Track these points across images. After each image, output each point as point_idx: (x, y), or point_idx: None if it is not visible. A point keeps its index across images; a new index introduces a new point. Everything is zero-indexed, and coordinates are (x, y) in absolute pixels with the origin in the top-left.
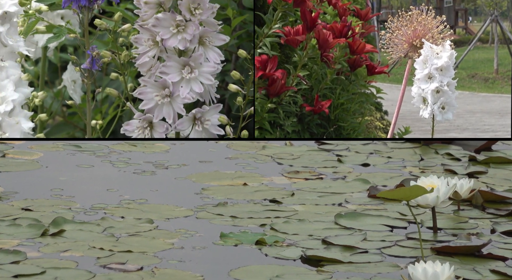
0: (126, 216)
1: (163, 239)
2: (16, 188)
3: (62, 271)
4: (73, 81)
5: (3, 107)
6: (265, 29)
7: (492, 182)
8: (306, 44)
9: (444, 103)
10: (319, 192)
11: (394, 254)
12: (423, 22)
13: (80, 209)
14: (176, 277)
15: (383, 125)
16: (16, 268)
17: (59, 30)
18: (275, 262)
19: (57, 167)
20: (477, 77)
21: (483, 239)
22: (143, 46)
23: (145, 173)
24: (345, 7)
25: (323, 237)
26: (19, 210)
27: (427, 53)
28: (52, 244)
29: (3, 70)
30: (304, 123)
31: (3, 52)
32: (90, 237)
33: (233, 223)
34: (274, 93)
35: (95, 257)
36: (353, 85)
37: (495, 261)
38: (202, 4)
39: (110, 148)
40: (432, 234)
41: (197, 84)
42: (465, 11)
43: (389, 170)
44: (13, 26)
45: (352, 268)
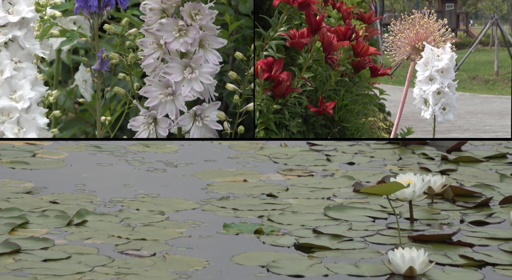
0: (141, 209)
1: (173, 228)
2: (44, 184)
3: (85, 256)
4: (84, 80)
5: (20, 104)
6: (270, 32)
7: (461, 178)
8: (311, 47)
9: (445, 104)
10: (310, 188)
11: (376, 242)
12: (425, 25)
13: (100, 202)
14: (184, 262)
15: (386, 126)
16: (45, 254)
17: (71, 34)
18: (272, 249)
19: (80, 165)
20: (477, 79)
21: (453, 228)
22: (148, 49)
23: (157, 171)
24: (349, 10)
25: (314, 227)
26: (48, 203)
27: (429, 55)
28: (76, 232)
29: (21, 70)
30: (309, 123)
31: (20, 54)
32: (109, 226)
33: (235, 214)
34: (280, 94)
35: (113, 244)
36: (356, 86)
37: (464, 248)
38: (202, 10)
39: (126, 148)
40: (409, 224)
41: (198, 84)
42: (466, 14)
43: (372, 168)
44: (29, 30)
45: (339, 254)
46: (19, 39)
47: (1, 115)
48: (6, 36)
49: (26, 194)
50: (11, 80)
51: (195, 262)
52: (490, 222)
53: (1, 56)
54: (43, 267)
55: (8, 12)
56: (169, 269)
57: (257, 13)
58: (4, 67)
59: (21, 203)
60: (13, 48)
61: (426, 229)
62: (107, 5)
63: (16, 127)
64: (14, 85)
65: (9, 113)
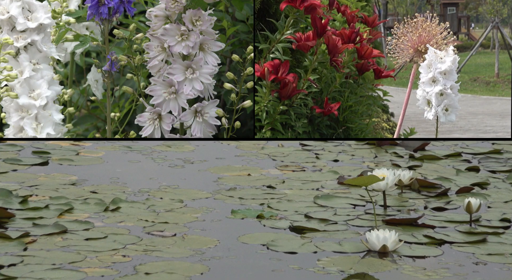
0: (164, 197)
1: (190, 214)
2: (86, 177)
3: (118, 236)
4: (96, 80)
5: (38, 102)
6: (277, 35)
7: (425, 172)
8: (316, 49)
9: (447, 105)
10: (303, 180)
11: (356, 225)
12: (428, 28)
13: (131, 192)
14: (199, 241)
15: (389, 126)
16: (86, 234)
17: (84, 39)
18: (271, 231)
19: (114, 162)
20: (479, 81)
21: (419, 213)
22: (153, 52)
23: (177, 167)
24: (353, 14)
25: (305, 213)
26: (88, 193)
27: (431, 58)
28: (111, 217)
29: (39, 71)
30: (314, 124)
31: (38, 56)
32: (138, 212)
33: (240, 202)
34: (286, 95)
35: (142, 226)
36: (361, 88)
37: (427, 229)
38: (202, 17)
39: (152, 148)
40: (383, 210)
41: (198, 83)
42: (468, 18)
43: (353, 164)
44: (46, 35)
45: (326, 234)
46: (37, 43)
47: (21, 112)
48: (25, 40)
49: (71, 185)
50: (30, 80)
51: (208, 241)
52: (448, 208)
53: (21, 58)
54: (85, 244)
55: (28, 19)
56: (187, 247)
57: (263, 17)
58: (23, 68)
59: (67, 193)
60: (32, 51)
61: (396, 214)
62: (116, 12)
63: (34, 123)
64: (32, 84)
65: (28, 110)
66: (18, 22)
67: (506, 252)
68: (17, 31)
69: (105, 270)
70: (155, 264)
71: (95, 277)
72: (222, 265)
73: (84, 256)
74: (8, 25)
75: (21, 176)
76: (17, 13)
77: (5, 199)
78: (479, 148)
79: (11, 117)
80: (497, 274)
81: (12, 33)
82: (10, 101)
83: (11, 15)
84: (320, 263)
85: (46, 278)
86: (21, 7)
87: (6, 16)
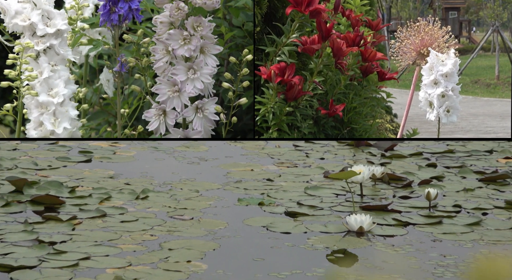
0: (183, 188)
1: (205, 201)
2: (121, 172)
3: (147, 219)
4: (107, 80)
5: (56, 99)
6: (283, 38)
7: (393, 168)
8: (322, 52)
9: (449, 107)
10: (295, 175)
11: (338, 210)
12: (430, 32)
13: (157, 184)
14: (212, 223)
15: (392, 127)
16: (121, 217)
17: (97, 43)
18: (270, 215)
19: (143, 159)
20: (479, 83)
21: (388, 201)
22: (158, 54)
23: (194, 163)
24: (357, 18)
25: (297, 201)
26: (123, 184)
27: (433, 60)
28: (141, 204)
29: (56, 72)
30: (319, 125)
31: (56, 59)
32: (163, 200)
33: (245, 192)
34: (292, 97)
35: (165, 212)
36: (365, 90)
37: (395, 213)
38: (202, 23)
39: (174, 149)
40: (360, 198)
41: (199, 82)
42: (469, 22)
43: (336, 161)
44: (63, 40)
45: (314, 218)
46: (55, 47)
47: (41, 108)
48: (44, 44)
49: (109, 178)
50: (49, 79)
51: (219, 224)
52: (412, 197)
53: (41, 60)
54: (120, 226)
55: (47, 25)
56: (202, 228)
57: (270, 21)
58: (43, 69)
59: (106, 184)
60: (50, 54)
61: (371, 202)
62: (126, 19)
63: (53, 118)
64: (51, 83)
65: (47, 106)
66: (38, 28)
67: (457, 231)
68: (37, 36)
69: (136, 246)
70: (176, 242)
71: (128, 252)
72: (230, 243)
73: (119, 235)
74: (29, 31)
75: (70, 171)
76: (37, 20)
77: (57, 189)
78: (436, 149)
79: (32, 113)
80: (450, 249)
81: (33, 38)
82: (31, 98)
83: (32, 22)
84: (310, 241)
85: (90, 252)
86: (41, 14)
87: (28, 22)
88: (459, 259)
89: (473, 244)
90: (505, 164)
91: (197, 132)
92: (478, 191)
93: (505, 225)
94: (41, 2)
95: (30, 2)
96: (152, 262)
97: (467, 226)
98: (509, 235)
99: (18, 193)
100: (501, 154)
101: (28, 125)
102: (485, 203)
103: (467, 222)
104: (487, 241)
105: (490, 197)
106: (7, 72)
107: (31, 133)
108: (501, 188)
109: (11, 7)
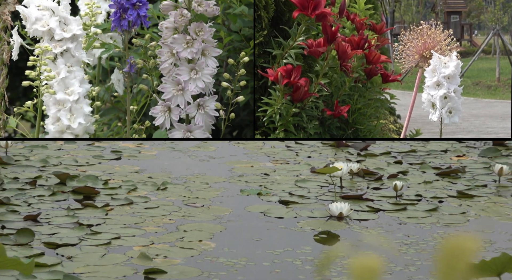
0: (195, 181)
1: (213, 192)
2: (145, 167)
3: (166, 206)
4: (118, 79)
5: (72, 97)
6: (290, 41)
7: (367, 165)
8: (327, 55)
9: (451, 108)
10: (287, 170)
11: (322, 199)
12: (432, 35)
13: (174, 177)
14: (219, 210)
15: (396, 128)
16: (145, 204)
17: (108, 46)
18: (267, 203)
19: (163, 158)
20: (480, 85)
21: (363, 191)
22: (164, 57)
23: (204, 161)
24: (362, 21)
25: (289, 191)
26: (147, 178)
27: (436, 63)
28: (161, 194)
29: (72, 73)
30: (325, 126)
31: (72, 61)
32: (179, 190)
33: (246, 184)
34: (298, 99)
35: (181, 200)
36: (369, 91)
37: (368, 201)
38: (203, 28)
39: (188, 149)
40: (340, 189)
41: (201, 82)
42: (470, 25)
43: (320, 159)
44: (78, 43)
45: (303, 205)
46: (71, 50)
47: (58, 105)
48: (61, 48)
49: (135, 173)
50: (65, 79)
51: (225, 210)
52: (382, 188)
53: (58, 62)
54: (144, 212)
55: (63, 30)
56: (211, 213)
57: (277, 24)
58: (60, 70)
59: (133, 178)
60: (67, 56)
61: (349, 192)
62: (134, 24)
63: (69, 114)
64: (67, 83)
65: (63, 103)
66: (56, 33)
67: (419, 216)
68: (55, 40)
69: (158, 229)
70: (190, 225)
71: (151, 233)
72: (234, 226)
73: (144, 219)
74: (48, 36)
75: (103, 167)
76: (55, 26)
77: (93, 182)
78: (402, 149)
79: (50, 110)
80: (413, 230)
81: (51, 42)
82: (49, 96)
83: (50, 27)
84: (299, 224)
85: (120, 233)
86: (58, 21)
87: (47, 28)
88: (420, 238)
89: (431, 226)
90: (457, 161)
91: (198, 126)
92: (435, 183)
93: (457, 211)
94: (58, 9)
95: (49, 9)
96: (170, 241)
97: (426, 211)
98: (460, 219)
99: (62, 185)
100: (454, 153)
101: (46, 120)
102: (441, 193)
103: (426, 208)
104: (442, 223)
105: (445, 188)
106: (28, 73)
107: (49, 127)
108: (453, 181)
109: (32, 14)
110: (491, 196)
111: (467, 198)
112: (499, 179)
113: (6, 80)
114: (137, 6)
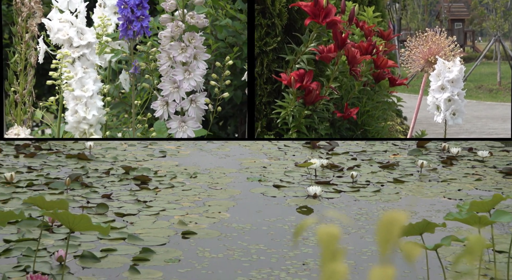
0: (216, 172)
1: (228, 179)
2: (182, 163)
3: (196, 189)
4: (125, 79)
5: (87, 93)
6: (302, 47)
7: (333, 160)
8: (337, 60)
9: (454, 110)
10: (279, 164)
11: (303, 184)
12: (437, 41)
13: (200, 169)
14: (232, 192)
15: (402, 129)
16: (182, 187)
17: (117, 51)
18: (265, 187)
19: (194, 156)
20: (483, 88)
21: (330, 178)
22: (163, 60)
23: (222, 158)
24: (370, 28)
25: (280, 178)
26: (183, 169)
27: (440, 67)
28: (193, 180)
29: (87, 73)
30: (335, 127)
31: (87, 64)
32: (205, 178)
33: (251, 174)
34: (310, 101)
35: (206, 184)
36: (377, 95)
37: (334, 185)
38: (195, 37)
39: (212, 150)
40: (315, 177)
41: (193, 81)
42: (473, 32)
43: (301, 156)
44: (93, 49)
45: (290, 188)
46: (87, 55)
47: (76, 100)
48: (79, 53)
49: (175, 166)
50: (82, 79)
51: (236, 192)
52: (343, 176)
53: (76, 65)
54: (181, 192)
55: (80, 39)
56: (227, 194)
57: (290, 31)
58: (77, 71)
59: (174, 169)
60: (83, 60)
61: (322, 179)
62: (138, 34)
63: (84, 107)
64: (83, 82)
65: (80, 99)
66: (74, 41)
67: (368, 195)
68: (73, 46)
69: (191, 204)
70: (212, 201)
71: (186, 207)
72: (243, 202)
73: (181, 197)
74: (67, 43)
75: (154, 162)
76: (74, 35)
77: (147, 172)
78: (356, 150)
79: (69, 104)
80: (364, 205)
81: (70, 48)
82: (68, 93)
83: (69, 36)
84: (287, 201)
85: (165, 207)
86: (76, 31)
87: (67, 37)
88: (369, 210)
89: (376, 202)
90: (393, 158)
91: (191, 118)
92: (378, 173)
93: (394, 191)
94: (76, 21)
95: (69, 22)
96: (199, 212)
97: (373, 192)
98: (395, 197)
99: (126, 174)
100: (391, 153)
101: (66, 112)
102: (383, 179)
103: (373, 190)
104: (383, 200)
105: (385, 176)
106: (51, 73)
107: (68, 118)
108: (391, 171)
109: (54, 25)
110: (416, 182)
111: (400, 183)
112: (421, 170)
113: (33, 79)
114: (141, 19)
